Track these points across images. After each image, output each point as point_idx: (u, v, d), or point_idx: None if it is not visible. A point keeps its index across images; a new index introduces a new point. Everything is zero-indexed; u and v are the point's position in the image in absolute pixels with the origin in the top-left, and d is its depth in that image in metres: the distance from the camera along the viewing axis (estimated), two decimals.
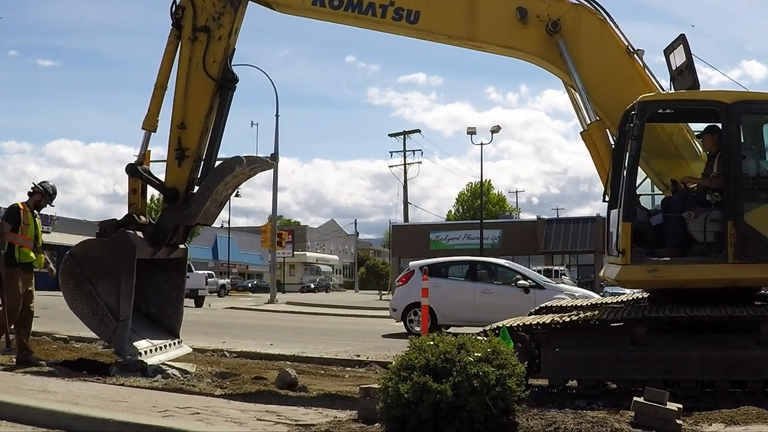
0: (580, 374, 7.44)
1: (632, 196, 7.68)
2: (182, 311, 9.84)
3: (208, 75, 8.86)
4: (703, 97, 7.84)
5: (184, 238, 9.45)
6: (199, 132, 8.95)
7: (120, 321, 8.45)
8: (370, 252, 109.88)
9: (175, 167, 9.01)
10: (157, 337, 9.23)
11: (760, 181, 7.52)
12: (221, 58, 8.90)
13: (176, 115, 8.96)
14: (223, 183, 8.90)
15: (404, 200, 58.06)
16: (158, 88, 9.11)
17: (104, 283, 8.60)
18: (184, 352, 9.80)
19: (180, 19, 8.95)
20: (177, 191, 9.01)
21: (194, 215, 8.94)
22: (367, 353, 11.90)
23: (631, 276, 7.65)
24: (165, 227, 9.00)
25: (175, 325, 9.64)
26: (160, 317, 9.53)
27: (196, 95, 8.92)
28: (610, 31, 8.31)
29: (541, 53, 8.42)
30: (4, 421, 5.97)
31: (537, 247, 49.00)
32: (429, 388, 5.00)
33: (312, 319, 25.18)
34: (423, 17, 8.49)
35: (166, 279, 9.58)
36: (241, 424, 5.74)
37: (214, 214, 9.43)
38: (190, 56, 8.92)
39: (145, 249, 8.86)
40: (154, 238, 8.96)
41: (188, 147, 8.96)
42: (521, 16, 8.26)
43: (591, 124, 8.25)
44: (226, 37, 8.88)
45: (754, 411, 5.99)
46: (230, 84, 9.06)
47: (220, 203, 9.38)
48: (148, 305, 9.43)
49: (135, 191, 9.21)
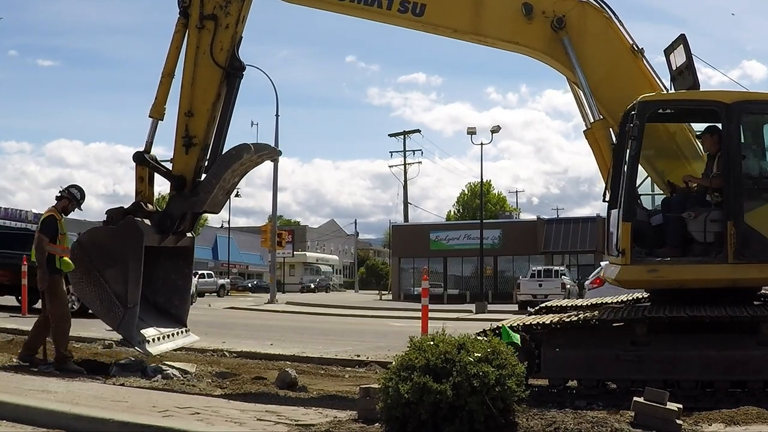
0: (580, 374, 7.44)
1: (632, 196, 7.68)
2: (189, 300, 9.88)
3: (216, 63, 8.88)
4: (703, 97, 7.84)
5: (191, 225, 9.46)
6: (206, 120, 8.98)
7: (128, 308, 8.46)
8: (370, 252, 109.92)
9: (183, 155, 9.03)
10: (164, 326, 9.21)
11: (760, 181, 7.51)
12: (228, 46, 8.94)
13: (183, 103, 9.00)
14: (230, 170, 8.90)
15: (404, 200, 58.18)
16: (165, 76, 9.15)
17: (112, 271, 8.60)
18: (192, 340, 9.80)
19: (187, 8, 9.00)
20: (185, 179, 9.03)
21: (202, 202, 8.95)
22: (367, 353, 11.90)
23: (630, 276, 7.65)
24: (173, 214, 9.00)
25: (183, 314, 9.64)
26: (167, 306, 9.55)
27: (204, 83, 8.95)
28: (615, 29, 8.30)
29: (545, 49, 8.41)
30: (4, 421, 5.97)
31: (537, 247, 48.97)
32: (429, 388, 5.00)
33: (312, 319, 25.19)
34: (429, 10, 8.49)
35: (173, 268, 9.60)
36: (241, 424, 5.74)
37: (222, 202, 9.44)
38: (197, 44, 8.96)
39: (153, 236, 8.86)
40: (161, 226, 8.96)
41: (196, 135, 8.99)
42: (527, 12, 8.26)
43: (594, 122, 8.25)
44: (234, 25, 8.92)
45: (754, 411, 5.99)
46: (237, 72, 9.09)
47: (227, 191, 9.39)
48: (156, 294, 9.42)
49: (142, 179, 9.25)
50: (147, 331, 8.74)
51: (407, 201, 58.28)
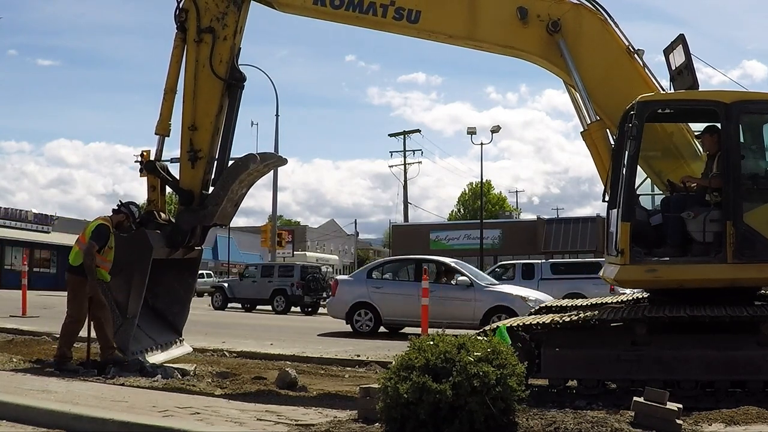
0: (580, 374, 7.44)
1: (631, 196, 7.69)
2: (189, 310, 9.88)
3: (216, 75, 8.89)
4: (702, 97, 7.84)
5: (201, 239, 9.46)
6: (210, 133, 8.99)
7: (126, 319, 8.48)
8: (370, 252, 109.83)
9: (189, 169, 9.04)
10: (159, 334, 9.25)
11: (760, 181, 7.52)
12: (228, 57, 8.95)
13: (186, 118, 9.01)
14: (237, 181, 8.90)
15: (404, 200, 58.06)
16: (168, 92, 9.18)
17: (117, 279, 8.63)
18: (185, 351, 9.81)
19: (184, 22, 9.00)
20: (192, 193, 9.03)
21: (211, 215, 8.95)
22: (367, 353, 11.90)
23: (630, 276, 7.65)
24: (183, 229, 9.02)
25: (180, 323, 9.68)
26: (165, 313, 9.58)
27: (205, 96, 8.96)
28: (611, 31, 8.32)
29: (541, 53, 8.43)
30: (4, 421, 5.98)
31: (537, 247, 48.98)
32: (429, 388, 5.00)
33: (312, 319, 25.19)
34: (424, 17, 8.51)
35: (177, 277, 9.62)
36: (241, 424, 5.75)
37: (230, 214, 9.43)
38: (196, 58, 8.96)
39: (162, 250, 8.89)
40: (172, 240, 8.99)
41: (200, 148, 8.99)
42: (522, 16, 8.27)
43: (591, 123, 8.26)
44: (232, 37, 8.93)
45: (754, 411, 5.99)
46: (238, 83, 9.09)
47: (235, 203, 9.38)
48: (156, 299, 9.44)
49: (154, 188, 9.27)
50: (142, 342, 8.76)
51: (407, 201, 58.21)
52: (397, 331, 16.89)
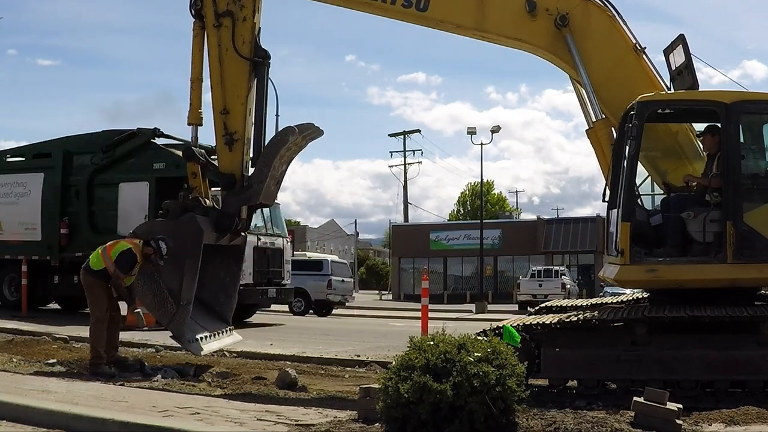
0: (580, 374, 7.44)
1: (631, 196, 7.68)
2: (236, 299, 9.78)
3: (241, 56, 8.91)
4: (702, 97, 7.84)
5: (248, 222, 9.44)
6: (242, 114, 9.01)
7: (180, 306, 8.42)
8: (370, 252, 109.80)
9: (227, 152, 9.05)
10: (208, 323, 9.18)
11: (760, 181, 7.52)
12: (249, 37, 8.99)
13: (217, 103, 9.04)
14: (278, 157, 8.86)
15: (404, 200, 58.08)
16: (194, 81, 9.22)
17: (167, 266, 8.57)
18: (236, 340, 9.77)
19: (200, 10, 9.04)
20: (233, 176, 9.03)
21: (257, 194, 8.93)
22: (367, 353, 11.89)
23: (629, 276, 7.65)
24: (230, 213, 9.01)
25: (227, 311, 9.62)
26: (212, 303, 9.52)
27: (233, 78, 8.99)
28: (619, 27, 8.30)
29: (548, 47, 8.42)
30: (4, 421, 5.98)
31: (537, 247, 48.96)
32: (429, 388, 5.00)
33: (312, 319, 25.18)
34: (433, 5, 8.51)
35: (222, 265, 9.57)
36: (241, 424, 5.75)
37: (274, 193, 9.42)
38: (218, 42, 9.00)
39: (210, 235, 8.86)
40: (219, 225, 8.96)
41: (235, 130, 9.01)
42: (530, 9, 8.26)
43: (596, 121, 8.24)
44: (251, 17, 8.98)
45: (754, 411, 5.99)
46: (264, 60, 9.11)
47: (278, 180, 9.36)
48: (201, 290, 9.29)
49: (195, 175, 9.29)
50: (195, 329, 8.68)
51: (407, 201, 58.23)
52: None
